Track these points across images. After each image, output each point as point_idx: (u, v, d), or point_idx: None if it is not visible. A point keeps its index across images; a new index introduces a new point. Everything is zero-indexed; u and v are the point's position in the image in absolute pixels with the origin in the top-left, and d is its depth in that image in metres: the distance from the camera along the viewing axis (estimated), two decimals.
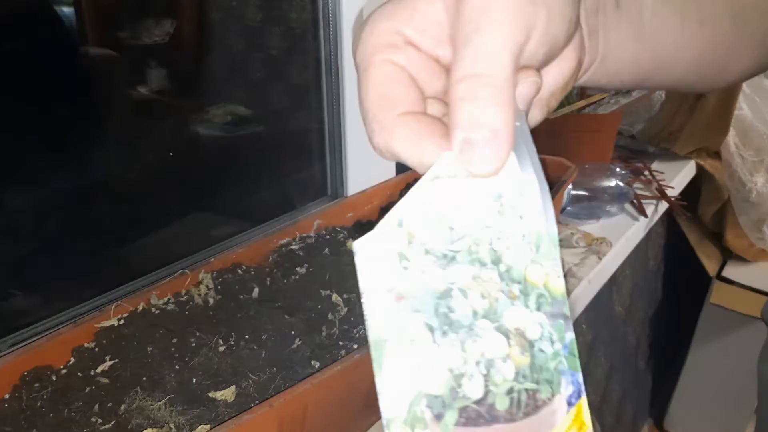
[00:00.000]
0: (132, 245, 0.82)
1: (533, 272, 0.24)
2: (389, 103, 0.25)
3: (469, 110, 0.23)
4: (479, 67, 0.23)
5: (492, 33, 0.23)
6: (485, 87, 0.23)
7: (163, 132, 0.88)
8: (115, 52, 0.81)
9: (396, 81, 0.25)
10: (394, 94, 0.25)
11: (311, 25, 0.96)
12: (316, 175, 1.02)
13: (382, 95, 0.25)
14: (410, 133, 0.24)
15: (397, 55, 0.26)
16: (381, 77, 0.25)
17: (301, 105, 1.01)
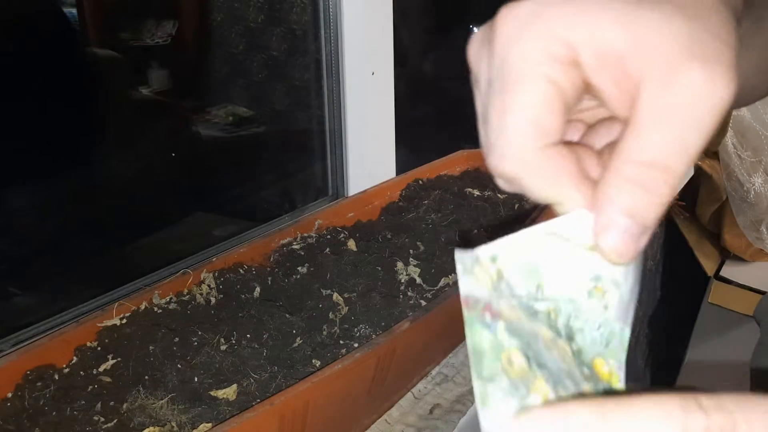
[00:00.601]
0: (134, 245, 0.82)
1: (600, 364, 0.23)
2: (539, 132, 0.21)
3: (638, 198, 0.20)
4: (670, 161, 0.20)
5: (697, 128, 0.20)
6: (665, 186, 0.20)
7: (165, 132, 0.88)
8: (117, 53, 0.81)
9: (553, 108, 0.21)
10: (546, 124, 0.21)
11: (312, 26, 0.96)
12: (317, 175, 1.02)
13: (533, 121, 0.21)
14: (552, 172, 0.21)
15: (562, 74, 0.21)
16: (538, 98, 0.21)
17: (302, 105, 1.01)
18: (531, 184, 0.22)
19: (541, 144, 0.21)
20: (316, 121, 1.00)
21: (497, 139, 0.22)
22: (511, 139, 0.21)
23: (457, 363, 0.70)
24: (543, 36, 0.21)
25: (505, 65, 0.22)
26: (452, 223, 0.82)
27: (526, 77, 0.21)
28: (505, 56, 0.22)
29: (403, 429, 0.61)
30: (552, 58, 0.21)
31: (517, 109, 0.21)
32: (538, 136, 0.21)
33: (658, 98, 0.20)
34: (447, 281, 0.69)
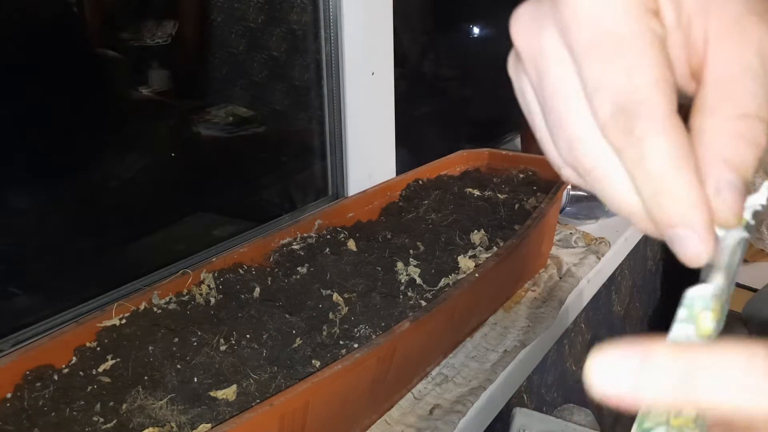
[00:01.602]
0: (134, 245, 0.82)
1: None
2: (671, 91, 0.20)
3: (742, 152, 0.19)
4: (762, 111, 0.19)
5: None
6: (763, 135, 0.20)
7: (165, 132, 0.88)
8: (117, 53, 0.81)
9: (667, 60, 0.20)
10: (672, 81, 0.20)
11: (312, 26, 0.96)
12: (317, 175, 1.02)
13: (666, 79, 0.19)
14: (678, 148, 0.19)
15: (658, 25, 0.20)
16: (660, 53, 0.20)
17: (302, 105, 1.01)
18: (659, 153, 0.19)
19: (673, 106, 0.20)
20: (316, 121, 1.00)
21: (626, 97, 0.19)
22: (645, 96, 0.19)
23: (457, 363, 0.70)
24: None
25: (602, 25, 0.20)
26: (452, 223, 0.82)
27: (640, 31, 0.20)
28: (597, 17, 0.20)
29: (403, 429, 0.61)
30: (651, 13, 0.20)
31: (647, 64, 0.19)
32: (669, 95, 0.19)
33: (733, 52, 0.20)
34: (447, 281, 0.69)
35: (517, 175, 0.97)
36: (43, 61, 0.70)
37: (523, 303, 0.82)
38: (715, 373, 0.17)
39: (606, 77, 0.20)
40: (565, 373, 1.20)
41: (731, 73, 0.20)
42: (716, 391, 0.16)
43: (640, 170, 0.20)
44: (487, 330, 0.76)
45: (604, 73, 0.20)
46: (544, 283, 0.86)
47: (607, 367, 0.18)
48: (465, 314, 0.71)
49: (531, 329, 0.76)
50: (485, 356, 0.71)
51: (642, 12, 0.20)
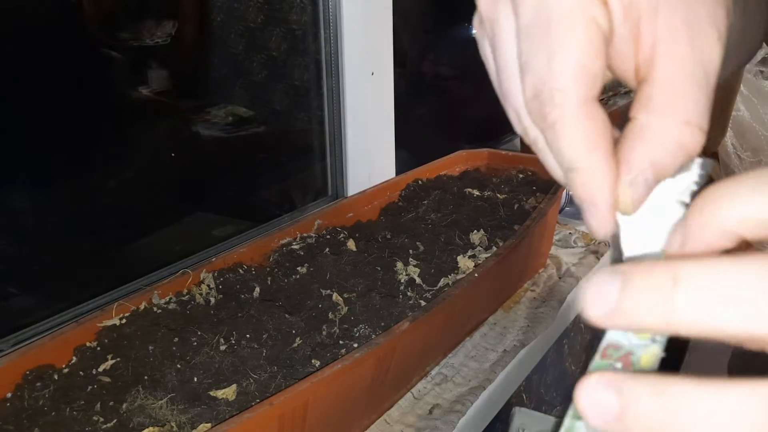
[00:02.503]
0: (134, 245, 0.82)
1: None
2: (588, 77, 0.20)
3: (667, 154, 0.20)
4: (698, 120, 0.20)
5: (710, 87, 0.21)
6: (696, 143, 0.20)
7: (165, 132, 0.88)
8: (116, 53, 0.81)
9: (599, 52, 0.20)
10: (595, 69, 0.20)
11: (311, 26, 0.96)
12: (317, 175, 1.02)
13: (584, 65, 0.20)
14: (592, 131, 0.20)
15: (603, 17, 0.20)
16: (587, 40, 0.20)
17: (302, 105, 1.01)
18: (569, 138, 0.20)
19: (590, 93, 0.20)
20: (316, 122, 1.00)
21: (543, 83, 0.20)
22: (560, 83, 0.20)
23: (456, 363, 0.70)
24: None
25: (545, 6, 0.20)
26: (452, 223, 0.82)
27: (574, 17, 0.20)
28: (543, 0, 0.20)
29: (403, 429, 0.61)
30: (598, 1, 0.20)
31: (567, 51, 0.20)
32: (587, 83, 0.20)
33: (681, 57, 0.20)
34: (446, 281, 0.69)
35: (516, 175, 0.97)
36: (42, 61, 0.70)
37: (522, 303, 0.82)
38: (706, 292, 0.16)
39: (532, 59, 0.21)
40: (564, 373, 1.20)
41: (679, 78, 0.20)
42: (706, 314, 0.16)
43: (554, 151, 0.21)
44: (487, 330, 0.76)
45: (531, 51, 0.21)
46: (544, 283, 0.86)
47: (591, 291, 0.18)
48: (464, 314, 0.71)
49: (530, 329, 0.76)
50: (485, 356, 0.71)
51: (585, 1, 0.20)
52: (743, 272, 0.16)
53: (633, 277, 0.17)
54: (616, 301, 0.17)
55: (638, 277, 0.17)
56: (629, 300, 0.17)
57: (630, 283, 0.17)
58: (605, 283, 0.18)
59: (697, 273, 0.17)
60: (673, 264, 0.17)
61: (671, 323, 0.17)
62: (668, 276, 0.17)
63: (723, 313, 0.16)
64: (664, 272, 0.17)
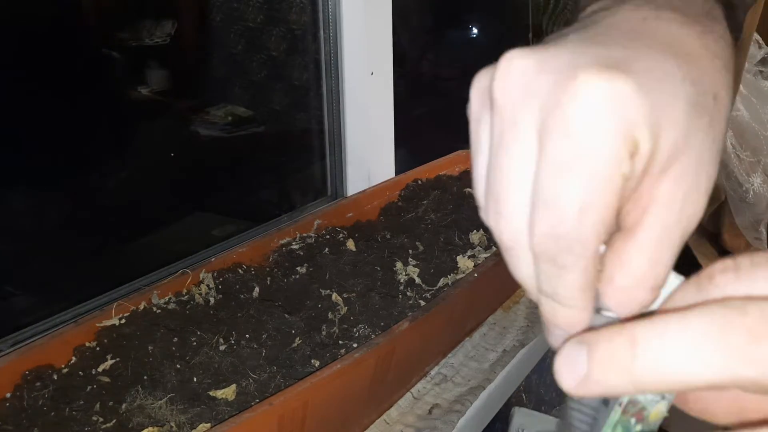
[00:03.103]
0: (133, 244, 0.82)
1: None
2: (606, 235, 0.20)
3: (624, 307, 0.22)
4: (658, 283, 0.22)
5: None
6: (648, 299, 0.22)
7: (164, 132, 0.88)
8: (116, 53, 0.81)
9: (617, 205, 0.20)
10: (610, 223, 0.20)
11: (311, 26, 0.96)
12: (316, 175, 1.02)
13: (606, 224, 0.20)
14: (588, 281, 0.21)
15: (628, 171, 0.20)
16: (615, 197, 0.20)
17: (301, 105, 1.02)
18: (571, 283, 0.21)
19: (599, 246, 0.21)
20: (315, 121, 1.00)
21: (566, 229, 0.20)
22: (584, 237, 0.20)
23: (456, 363, 0.70)
24: (626, 130, 0.19)
25: (583, 151, 0.19)
26: (451, 223, 0.82)
27: (610, 174, 0.19)
28: (584, 142, 0.19)
29: (402, 429, 0.61)
30: (628, 157, 0.20)
31: (599, 208, 0.19)
32: (602, 238, 0.20)
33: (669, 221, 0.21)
34: (446, 281, 0.69)
35: None
36: (41, 61, 0.70)
37: (522, 303, 0.82)
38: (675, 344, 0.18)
39: (560, 199, 0.20)
40: None
41: (661, 246, 0.21)
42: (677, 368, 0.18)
43: (548, 283, 0.21)
44: (486, 330, 0.76)
45: (560, 194, 0.20)
46: None
47: (562, 363, 0.20)
48: (464, 314, 0.71)
49: (530, 329, 0.76)
50: (484, 356, 0.71)
51: (625, 155, 0.20)
52: (687, 325, 0.18)
53: (596, 345, 0.19)
54: (585, 372, 0.19)
55: (600, 346, 0.19)
56: (595, 368, 0.19)
57: (594, 351, 0.19)
58: (573, 355, 0.19)
59: (652, 332, 0.18)
60: (630, 328, 0.19)
61: (637, 384, 0.18)
62: (626, 340, 0.18)
63: (675, 363, 0.18)
64: (622, 337, 0.19)
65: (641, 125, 0.19)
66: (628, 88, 0.19)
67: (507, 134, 0.21)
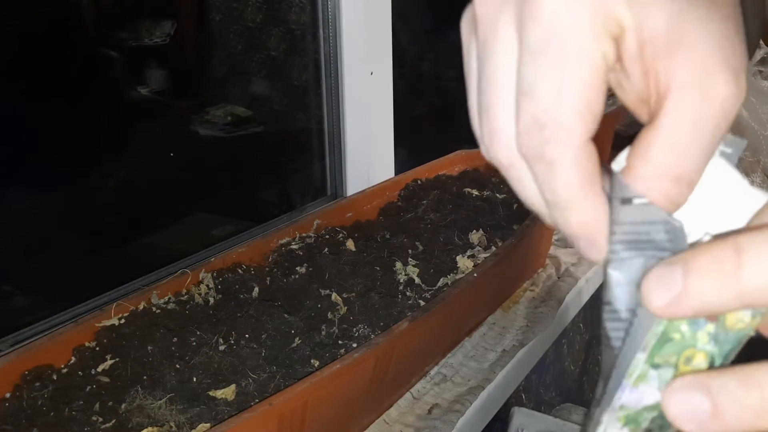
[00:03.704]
0: (132, 244, 0.82)
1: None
2: (590, 117, 0.19)
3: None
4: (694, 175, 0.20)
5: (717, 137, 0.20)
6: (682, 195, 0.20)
7: (164, 132, 0.88)
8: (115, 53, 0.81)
9: (602, 91, 0.20)
10: (596, 109, 0.19)
11: (310, 26, 0.96)
12: (316, 175, 1.02)
13: (589, 104, 0.19)
14: (587, 173, 0.20)
15: (611, 52, 0.19)
16: (595, 78, 0.19)
17: (301, 105, 1.02)
18: (566, 178, 0.20)
19: (590, 133, 0.20)
20: (315, 121, 1.00)
21: (546, 115, 0.19)
22: (565, 120, 0.19)
23: (455, 363, 0.70)
24: (599, 9, 0.19)
25: (560, 31, 0.19)
26: (451, 223, 0.82)
27: (589, 51, 0.19)
28: (555, 23, 0.19)
29: (402, 429, 0.61)
30: (611, 37, 0.19)
31: (578, 88, 0.19)
32: (589, 123, 0.19)
33: (692, 105, 0.20)
34: (446, 281, 0.69)
35: None
36: (41, 61, 0.70)
37: (521, 303, 0.82)
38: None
39: (537, 85, 0.19)
40: (563, 372, 1.20)
41: (683, 133, 0.20)
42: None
43: (546, 187, 0.20)
44: (486, 330, 0.76)
45: (537, 79, 0.19)
46: (543, 283, 0.86)
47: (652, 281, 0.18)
48: (463, 314, 0.71)
49: (529, 329, 0.76)
50: (484, 356, 0.71)
51: (602, 33, 0.19)
52: None
53: (694, 258, 0.17)
54: (681, 285, 0.17)
55: (700, 257, 0.17)
56: (695, 281, 0.17)
57: (692, 264, 0.17)
58: (666, 272, 0.18)
59: (758, 240, 0.17)
60: (732, 238, 0.17)
61: (743, 295, 0.17)
62: (730, 249, 0.17)
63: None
64: (725, 246, 0.17)
65: (618, 2, 0.19)
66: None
67: (489, 41, 0.21)
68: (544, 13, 0.19)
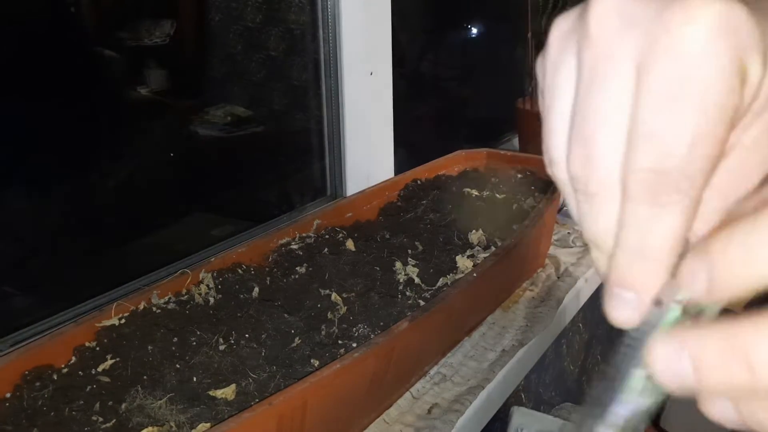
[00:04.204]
0: (132, 245, 0.82)
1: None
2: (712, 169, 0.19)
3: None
4: None
5: None
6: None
7: (163, 132, 0.88)
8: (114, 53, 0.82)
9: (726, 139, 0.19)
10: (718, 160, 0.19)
11: (310, 26, 0.96)
12: (316, 175, 1.02)
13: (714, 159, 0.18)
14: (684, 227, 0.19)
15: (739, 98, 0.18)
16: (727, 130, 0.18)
17: (301, 105, 1.02)
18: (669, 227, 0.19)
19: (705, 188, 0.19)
20: (315, 122, 1.01)
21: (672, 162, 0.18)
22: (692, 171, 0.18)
23: (455, 363, 0.70)
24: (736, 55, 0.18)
25: (694, 81, 0.18)
26: (450, 223, 0.82)
27: (723, 105, 0.18)
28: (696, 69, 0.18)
29: (402, 429, 0.61)
30: (740, 79, 0.18)
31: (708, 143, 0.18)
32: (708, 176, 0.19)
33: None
34: (445, 281, 0.69)
35: (515, 175, 0.97)
36: (40, 61, 0.70)
37: (521, 302, 0.82)
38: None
39: (666, 132, 0.18)
40: (562, 372, 1.20)
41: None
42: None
43: (636, 230, 0.19)
44: (486, 329, 0.76)
45: (665, 126, 0.18)
46: (542, 283, 0.86)
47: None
48: (463, 314, 0.71)
49: (529, 329, 0.76)
50: (483, 356, 0.72)
51: (735, 83, 0.18)
52: None
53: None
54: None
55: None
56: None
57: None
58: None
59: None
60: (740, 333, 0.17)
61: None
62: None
63: None
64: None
65: (753, 51, 0.18)
66: (743, 13, 0.18)
67: (601, 68, 0.19)
68: (683, 53, 0.18)
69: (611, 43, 0.19)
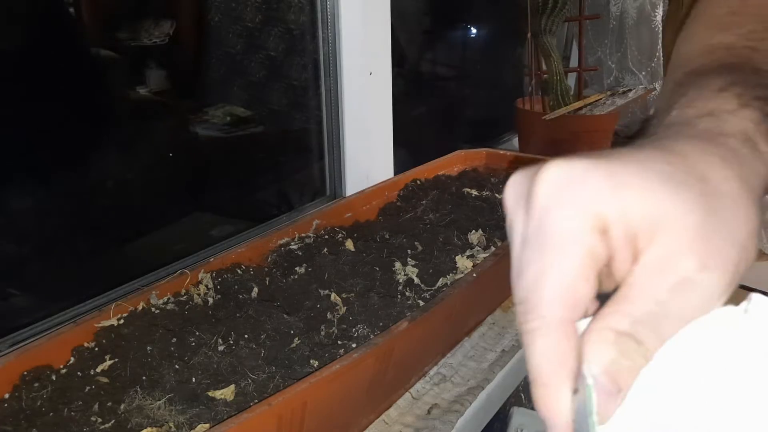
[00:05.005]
0: (131, 245, 0.82)
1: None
2: (571, 299, 0.22)
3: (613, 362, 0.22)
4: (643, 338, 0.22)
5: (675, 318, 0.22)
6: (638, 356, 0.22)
7: (163, 132, 0.88)
8: (114, 53, 0.81)
9: (588, 277, 0.22)
10: (580, 292, 0.22)
11: (310, 26, 0.96)
12: (315, 175, 1.02)
13: (569, 288, 0.22)
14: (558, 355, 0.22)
15: (599, 246, 0.22)
16: (579, 269, 0.22)
17: (300, 105, 1.02)
18: (539, 350, 0.22)
19: (570, 315, 0.22)
20: (314, 122, 1.00)
21: (530, 293, 0.22)
22: (545, 301, 0.22)
23: (455, 363, 0.70)
24: (581, 207, 0.22)
25: (543, 228, 0.22)
26: (450, 223, 0.82)
27: (570, 244, 0.22)
28: (544, 220, 0.22)
29: (401, 429, 0.61)
30: (591, 230, 0.22)
31: (556, 275, 0.22)
32: (569, 305, 0.22)
33: (647, 279, 0.22)
34: (445, 281, 0.69)
35: None
36: (39, 61, 0.70)
37: None
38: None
39: (526, 269, 0.23)
40: None
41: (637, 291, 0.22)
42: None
43: (527, 353, 0.23)
44: (485, 330, 0.76)
45: (526, 264, 0.23)
46: None
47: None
48: (463, 314, 0.71)
49: None
50: (483, 356, 0.71)
51: (585, 228, 0.22)
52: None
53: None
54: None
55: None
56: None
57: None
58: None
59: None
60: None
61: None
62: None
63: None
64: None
65: (604, 202, 0.22)
66: (580, 168, 0.22)
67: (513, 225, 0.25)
68: (534, 208, 0.23)
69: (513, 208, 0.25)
